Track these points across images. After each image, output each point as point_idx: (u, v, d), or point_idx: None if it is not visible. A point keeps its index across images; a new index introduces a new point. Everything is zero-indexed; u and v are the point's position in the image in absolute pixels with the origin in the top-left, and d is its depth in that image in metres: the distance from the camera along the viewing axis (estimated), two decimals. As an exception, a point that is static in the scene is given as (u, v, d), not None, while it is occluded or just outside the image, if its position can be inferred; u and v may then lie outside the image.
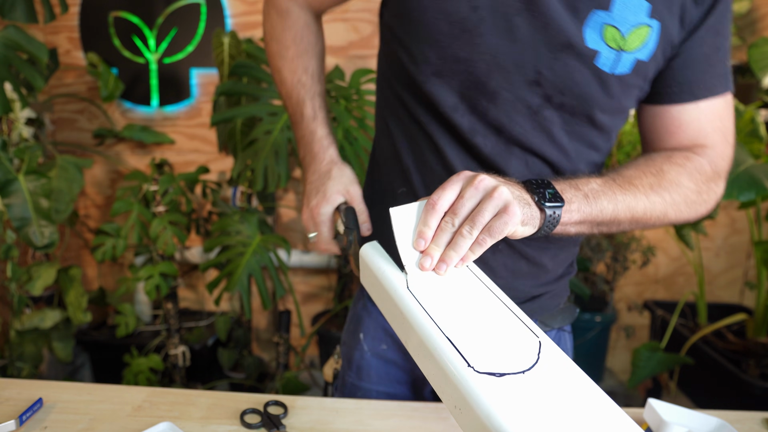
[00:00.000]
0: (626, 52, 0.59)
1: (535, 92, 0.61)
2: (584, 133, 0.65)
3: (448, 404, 0.46)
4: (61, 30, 2.16)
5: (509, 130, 0.63)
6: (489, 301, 0.53)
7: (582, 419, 0.41)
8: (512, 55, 0.59)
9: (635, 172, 0.63)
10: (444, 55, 0.62)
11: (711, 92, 0.65)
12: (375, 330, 0.82)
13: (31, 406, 0.69)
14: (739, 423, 0.71)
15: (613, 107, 0.63)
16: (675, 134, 0.67)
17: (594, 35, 0.58)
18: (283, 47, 0.80)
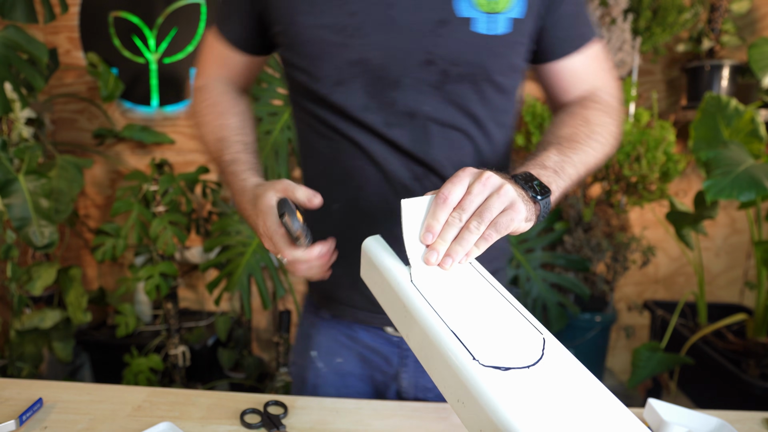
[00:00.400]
0: (499, 13, 0.64)
1: (432, 71, 0.65)
2: (489, 98, 0.69)
3: (450, 398, 0.46)
4: (61, 30, 2.16)
5: (422, 113, 0.67)
6: (492, 297, 0.53)
7: (586, 415, 0.41)
8: (399, 43, 0.64)
9: (571, 130, 0.69)
10: (339, 64, 0.66)
11: (586, 40, 0.74)
12: (328, 344, 0.83)
13: (31, 406, 0.69)
14: (739, 423, 0.71)
15: (505, 67, 0.68)
16: (573, 83, 0.76)
17: (465, 4, 0.63)
18: (202, 116, 0.78)
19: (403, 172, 0.70)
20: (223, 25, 0.78)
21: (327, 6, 0.64)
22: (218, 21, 0.79)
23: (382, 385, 0.83)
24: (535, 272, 1.90)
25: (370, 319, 0.79)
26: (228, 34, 0.78)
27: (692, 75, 1.93)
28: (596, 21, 0.73)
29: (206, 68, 0.83)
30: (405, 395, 0.83)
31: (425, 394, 0.82)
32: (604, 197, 1.96)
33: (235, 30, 0.77)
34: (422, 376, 0.81)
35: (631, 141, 1.78)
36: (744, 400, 1.51)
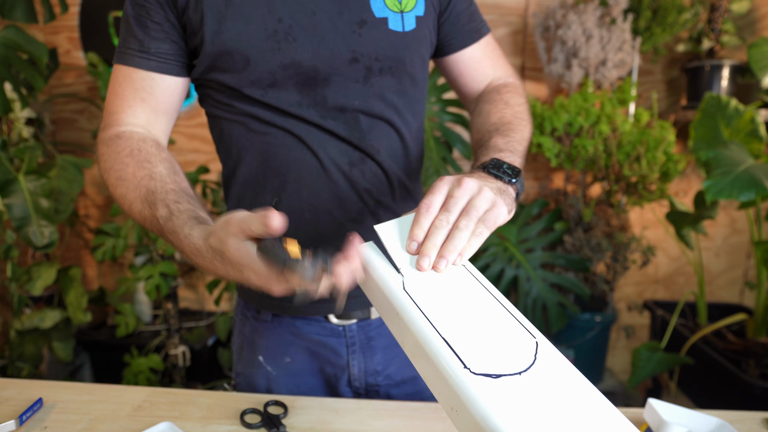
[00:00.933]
0: (406, 12, 0.72)
1: (357, 67, 0.70)
2: (406, 90, 0.76)
3: (444, 405, 0.46)
4: (61, 30, 2.16)
5: (351, 106, 0.72)
6: (486, 302, 0.53)
7: (579, 421, 0.41)
8: (326, 44, 0.68)
9: (499, 115, 0.77)
10: (271, 68, 0.68)
11: (481, 33, 0.84)
12: (274, 346, 0.83)
13: (31, 406, 0.69)
14: (739, 423, 0.71)
15: (417, 59, 0.76)
16: (476, 71, 0.85)
17: (379, 5, 0.70)
18: (120, 168, 0.66)
19: (341, 158, 0.73)
20: (138, 53, 0.70)
21: (255, 13, 0.67)
22: (126, 53, 0.71)
23: (333, 377, 0.84)
24: (535, 272, 1.90)
25: (312, 310, 0.80)
26: (145, 62, 0.70)
27: (692, 75, 1.93)
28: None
29: (119, 111, 0.71)
30: (356, 382, 0.84)
31: (375, 379, 0.84)
32: (604, 197, 1.96)
33: (152, 54, 0.70)
34: (370, 361, 0.83)
35: (631, 141, 1.78)
36: (744, 400, 1.52)
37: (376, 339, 0.83)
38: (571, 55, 1.86)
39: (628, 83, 1.85)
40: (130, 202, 0.65)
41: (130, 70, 0.71)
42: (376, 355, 0.84)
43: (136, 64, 0.70)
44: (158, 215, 0.61)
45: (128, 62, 0.71)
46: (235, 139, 0.76)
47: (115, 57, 0.73)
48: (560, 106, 1.84)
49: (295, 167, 0.73)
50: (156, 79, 0.71)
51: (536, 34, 1.95)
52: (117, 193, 0.67)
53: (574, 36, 1.81)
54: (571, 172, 2.04)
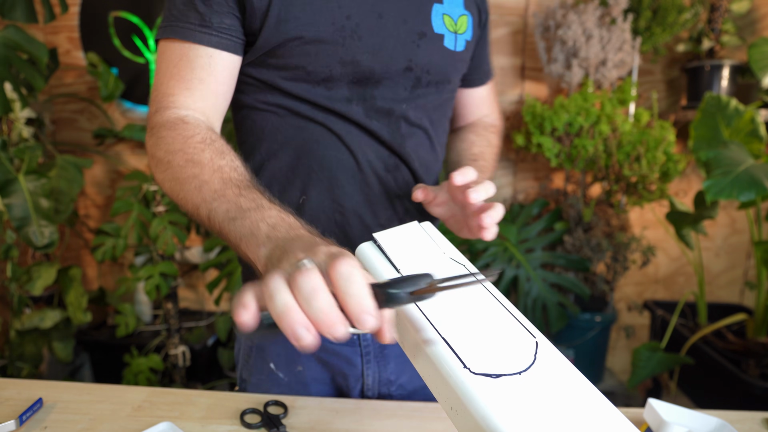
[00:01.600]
0: (459, 34, 0.76)
1: (409, 76, 0.73)
2: (443, 104, 0.80)
3: (444, 406, 0.46)
4: (61, 30, 2.16)
5: (397, 111, 0.74)
6: (485, 301, 0.53)
7: (579, 421, 0.41)
8: (387, 48, 0.70)
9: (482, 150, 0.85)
10: (330, 62, 0.68)
11: (491, 76, 0.94)
12: (286, 353, 0.81)
13: (31, 406, 0.69)
14: (739, 423, 0.71)
15: (457, 79, 0.80)
16: (478, 108, 0.94)
17: (438, 22, 0.73)
18: (193, 152, 0.60)
19: (378, 162, 0.74)
20: (198, 29, 0.65)
21: (324, 6, 0.66)
22: (186, 28, 0.65)
23: (345, 387, 0.82)
24: (535, 272, 1.90)
25: None
26: (207, 39, 0.65)
27: (692, 75, 1.93)
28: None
29: (176, 93, 0.66)
30: (369, 392, 0.83)
31: (388, 389, 0.84)
32: (604, 197, 1.96)
33: (216, 30, 0.65)
34: (384, 370, 0.82)
35: (631, 141, 1.78)
36: (744, 400, 1.51)
37: (389, 348, 0.82)
38: (571, 55, 1.86)
39: (628, 83, 1.85)
40: (202, 181, 0.58)
41: (188, 47, 0.65)
42: (390, 364, 0.83)
43: (196, 39, 0.65)
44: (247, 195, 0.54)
45: (186, 37, 0.65)
46: (268, 132, 0.73)
47: (165, 31, 0.66)
48: (560, 106, 1.84)
49: (329, 165, 0.73)
50: (216, 57, 0.66)
51: (536, 34, 1.95)
52: (185, 173, 0.59)
53: (574, 36, 1.81)
54: (571, 172, 2.04)
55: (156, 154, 0.63)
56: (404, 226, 0.60)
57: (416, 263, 0.56)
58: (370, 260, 0.57)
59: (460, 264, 0.58)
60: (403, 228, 0.60)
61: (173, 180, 0.60)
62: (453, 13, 0.75)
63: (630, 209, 2.04)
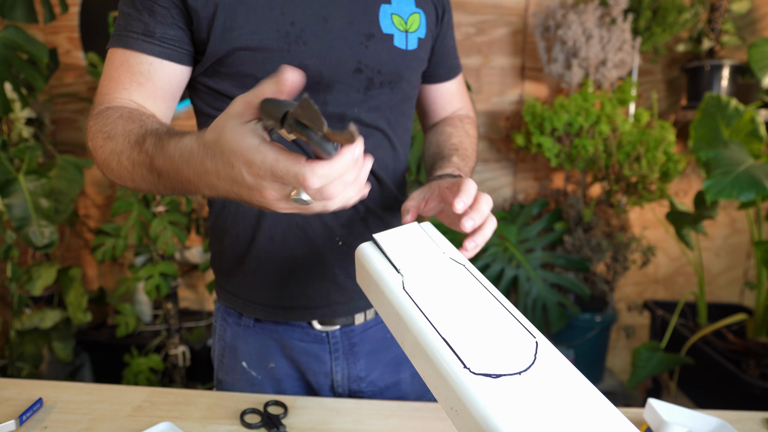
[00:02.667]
0: (410, 32, 0.75)
1: (360, 78, 0.72)
2: (399, 104, 0.79)
3: (444, 405, 0.46)
4: (61, 30, 2.16)
5: (350, 115, 0.74)
6: (486, 302, 0.53)
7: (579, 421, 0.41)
8: (334, 52, 0.70)
9: (461, 140, 0.85)
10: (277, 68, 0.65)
11: (458, 70, 0.92)
12: (257, 351, 0.82)
13: (31, 406, 0.69)
14: (739, 423, 0.71)
15: (413, 78, 0.79)
16: (448, 103, 0.93)
17: (387, 22, 0.73)
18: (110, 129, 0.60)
19: None
20: (141, 37, 0.66)
21: (268, 14, 0.67)
22: (129, 37, 0.66)
23: (315, 384, 0.84)
24: (535, 272, 1.90)
25: (299, 316, 0.80)
26: (148, 47, 0.66)
27: (692, 75, 1.93)
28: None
29: (111, 92, 0.67)
30: (339, 388, 0.84)
31: (358, 385, 0.84)
32: (604, 197, 1.96)
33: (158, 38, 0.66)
34: (353, 367, 0.83)
35: (631, 141, 1.78)
36: (744, 400, 1.51)
37: (359, 345, 0.83)
38: (571, 55, 1.86)
39: (628, 83, 1.85)
40: (118, 153, 0.57)
41: (129, 54, 0.66)
42: (359, 362, 0.84)
43: (138, 47, 0.66)
44: (146, 148, 0.53)
45: (128, 45, 0.66)
46: None
47: (112, 41, 0.68)
48: (560, 106, 1.84)
49: None
50: (156, 65, 0.67)
51: (536, 34, 1.95)
52: (106, 150, 0.59)
53: (574, 36, 1.81)
54: (571, 172, 2.04)
55: (88, 144, 0.64)
56: (404, 226, 0.61)
57: (416, 263, 0.56)
58: (371, 260, 0.57)
59: (460, 264, 0.58)
60: (403, 228, 0.60)
61: (104, 160, 0.60)
62: (402, 12, 0.75)
63: (630, 209, 2.04)
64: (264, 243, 0.76)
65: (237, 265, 0.80)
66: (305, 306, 0.79)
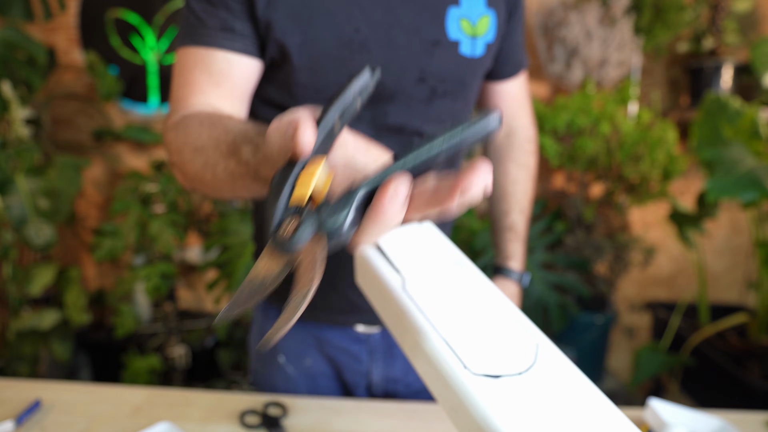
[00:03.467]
0: (478, 37, 0.71)
1: (422, 87, 0.70)
2: (458, 113, 0.76)
3: (444, 406, 0.45)
4: (60, 29, 2.16)
5: (408, 126, 0.71)
6: (487, 302, 0.53)
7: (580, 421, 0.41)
8: (397, 60, 0.67)
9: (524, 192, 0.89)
10: (339, 77, 0.66)
11: (521, 66, 0.86)
12: (296, 348, 0.82)
13: (30, 407, 0.69)
14: (740, 424, 0.71)
15: (475, 85, 0.76)
16: (509, 107, 0.88)
17: (454, 27, 0.69)
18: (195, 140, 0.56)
19: None
20: (219, 33, 0.64)
21: (332, 20, 0.64)
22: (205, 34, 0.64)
23: (352, 384, 0.84)
24: (536, 273, 1.90)
25: (343, 320, 0.80)
26: (227, 42, 0.64)
27: (694, 74, 1.93)
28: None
29: (187, 97, 0.64)
30: (375, 389, 0.84)
31: (394, 386, 0.84)
32: (605, 197, 1.96)
33: (237, 34, 0.64)
34: (391, 369, 0.83)
35: (632, 141, 1.78)
36: (746, 400, 1.51)
37: (397, 347, 0.83)
38: (572, 54, 1.86)
39: (629, 83, 1.84)
40: (213, 165, 0.53)
41: (205, 53, 0.63)
42: (397, 363, 0.83)
43: (217, 44, 0.63)
44: (245, 159, 0.49)
45: (205, 42, 0.63)
46: None
47: (183, 39, 0.64)
48: (561, 106, 1.83)
49: None
50: (235, 62, 0.64)
51: (537, 33, 1.94)
52: (197, 164, 0.54)
53: (575, 35, 1.81)
54: (572, 172, 2.03)
55: (171, 157, 0.60)
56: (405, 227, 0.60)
57: (417, 264, 0.55)
58: (371, 261, 0.57)
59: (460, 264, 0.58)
60: (404, 229, 0.59)
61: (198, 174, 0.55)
62: (472, 16, 0.70)
63: (631, 209, 2.03)
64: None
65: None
66: (350, 311, 0.79)
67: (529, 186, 0.90)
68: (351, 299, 0.78)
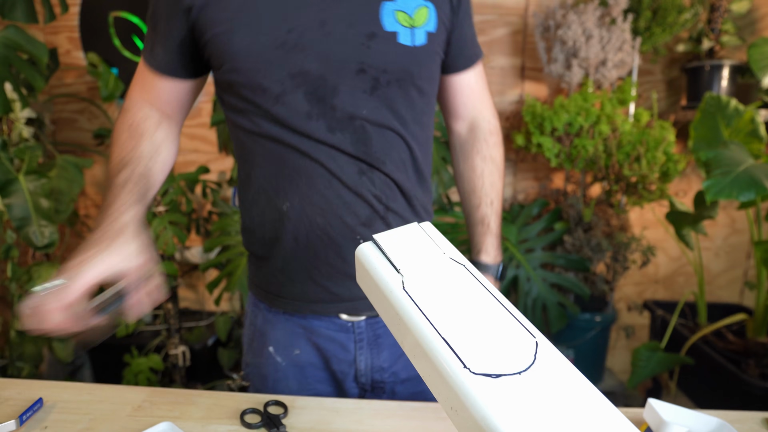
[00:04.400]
0: (417, 27, 0.74)
1: (364, 78, 0.72)
2: (414, 101, 0.78)
3: (444, 405, 0.46)
4: (61, 30, 2.16)
5: (359, 115, 0.74)
6: (485, 301, 0.53)
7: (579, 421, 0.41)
8: (335, 55, 0.70)
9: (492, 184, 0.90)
10: (280, 77, 0.70)
11: (478, 57, 0.89)
12: (284, 338, 0.85)
13: (32, 406, 0.69)
14: (739, 423, 0.71)
15: (425, 73, 0.77)
16: (469, 97, 0.90)
17: (390, 20, 0.72)
18: (117, 136, 0.78)
19: (349, 167, 0.75)
20: (148, 52, 0.78)
21: (264, 24, 0.68)
22: (144, 49, 0.79)
23: (339, 373, 0.86)
24: (535, 272, 1.90)
25: (324, 310, 0.82)
26: (152, 61, 0.78)
27: (692, 75, 1.93)
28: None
29: (132, 94, 0.82)
30: (362, 378, 0.86)
31: (381, 375, 0.86)
32: (604, 197, 1.96)
33: (158, 55, 0.77)
34: (377, 357, 0.85)
35: (631, 141, 1.78)
36: (744, 400, 1.52)
37: (384, 337, 0.85)
38: (571, 55, 1.86)
39: (628, 83, 1.85)
40: (110, 161, 0.75)
41: (143, 66, 0.80)
42: (383, 353, 0.85)
43: (145, 62, 0.79)
44: (117, 180, 0.71)
45: (143, 58, 0.79)
46: (248, 147, 0.78)
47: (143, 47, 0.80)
48: (560, 106, 1.84)
49: (304, 175, 0.76)
50: (158, 80, 0.79)
51: (536, 34, 1.95)
52: (111, 149, 0.77)
53: (574, 36, 1.81)
54: (571, 172, 2.04)
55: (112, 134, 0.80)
56: (404, 227, 0.60)
57: (416, 263, 0.56)
58: (370, 260, 0.57)
59: (460, 264, 0.58)
60: (403, 229, 0.60)
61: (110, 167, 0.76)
62: (408, 8, 0.73)
63: (630, 209, 2.04)
64: (288, 243, 0.78)
65: (264, 263, 0.83)
66: (330, 301, 0.81)
67: (496, 178, 0.90)
68: (330, 289, 0.80)
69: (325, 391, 0.87)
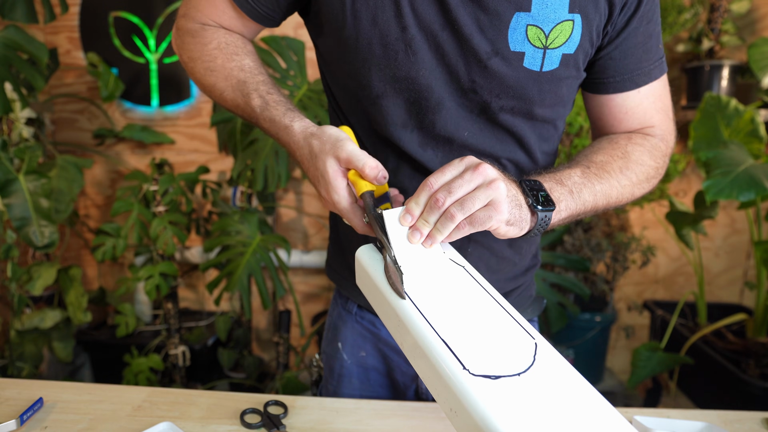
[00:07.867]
0: (551, 49, 0.61)
1: (473, 99, 0.64)
2: (529, 131, 0.68)
3: (443, 407, 0.46)
4: (61, 30, 2.16)
5: (458, 138, 0.66)
6: (485, 303, 0.53)
7: (578, 421, 0.41)
8: (446, 67, 0.62)
9: (605, 158, 0.67)
10: (384, 77, 0.63)
11: (650, 78, 0.69)
12: (353, 338, 0.84)
13: (32, 406, 0.69)
14: (738, 423, 0.71)
15: (549, 101, 0.66)
16: (623, 120, 0.72)
17: (519, 37, 0.60)
18: (209, 60, 0.70)
19: None
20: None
21: (381, 15, 0.61)
22: None
23: (401, 384, 0.84)
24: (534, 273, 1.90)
25: None
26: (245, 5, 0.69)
27: (692, 75, 1.93)
28: (663, 54, 0.72)
29: (199, 13, 0.72)
30: (424, 396, 0.85)
31: None
32: (603, 197, 1.96)
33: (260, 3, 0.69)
34: None
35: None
36: (744, 399, 1.52)
37: None
38: (571, 55, 1.86)
39: (628, 83, 1.84)
40: (220, 90, 0.70)
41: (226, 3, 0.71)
42: None
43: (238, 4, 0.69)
44: (253, 105, 0.66)
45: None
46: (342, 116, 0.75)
47: None
48: (560, 106, 1.83)
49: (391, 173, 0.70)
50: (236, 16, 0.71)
51: (536, 34, 1.95)
52: (206, 81, 0.71)
53: (574, 36, 1.81)
54: (571, 172, 2.04)
55: (182, 57, 0.75)
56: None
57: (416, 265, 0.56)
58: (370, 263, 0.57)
59: (459, 265, 0.58)
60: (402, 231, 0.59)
61: (201, 83, 0.73)
62: (545, 22, 0.59)
63: (630, 209, 2.04)
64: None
65: (344, 260, 0.82)
66: None
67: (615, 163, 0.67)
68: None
69: (387, 396, 0.86)
